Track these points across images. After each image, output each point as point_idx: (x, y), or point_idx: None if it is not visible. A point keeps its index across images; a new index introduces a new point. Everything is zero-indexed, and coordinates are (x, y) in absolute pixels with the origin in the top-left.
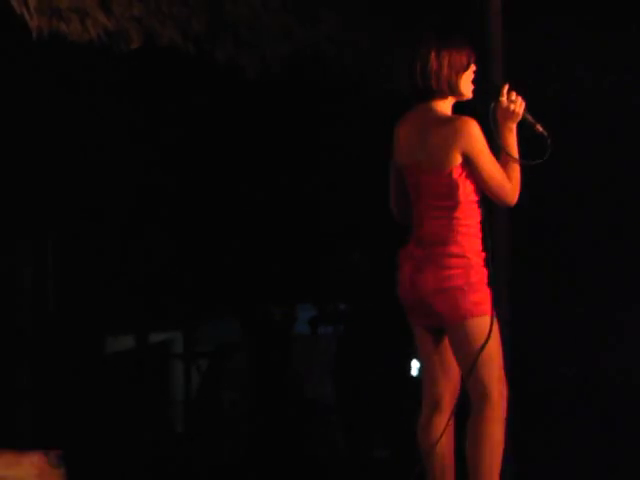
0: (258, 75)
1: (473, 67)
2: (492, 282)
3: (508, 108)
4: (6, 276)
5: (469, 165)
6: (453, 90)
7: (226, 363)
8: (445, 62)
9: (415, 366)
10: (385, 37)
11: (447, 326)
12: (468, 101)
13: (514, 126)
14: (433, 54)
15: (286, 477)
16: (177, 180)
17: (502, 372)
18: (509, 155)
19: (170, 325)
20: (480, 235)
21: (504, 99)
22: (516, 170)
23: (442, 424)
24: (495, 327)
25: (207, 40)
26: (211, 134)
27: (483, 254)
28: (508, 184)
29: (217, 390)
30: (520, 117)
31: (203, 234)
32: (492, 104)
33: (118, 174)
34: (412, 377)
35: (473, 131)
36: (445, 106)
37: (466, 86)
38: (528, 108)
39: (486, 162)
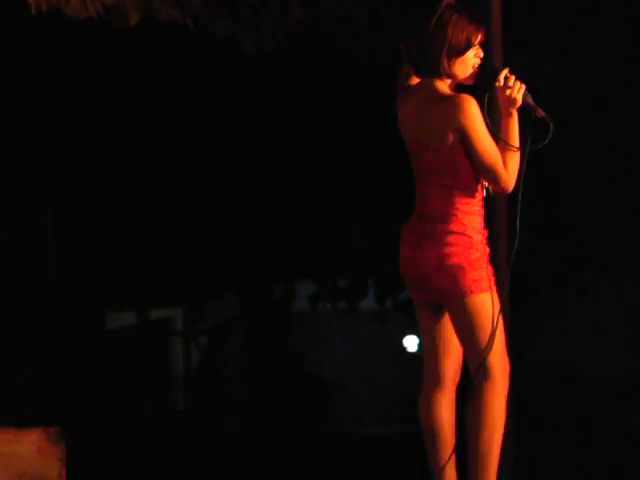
0: (257, 51)
1: (474, 51)
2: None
3: (506, 94)
4: (6, 251)
5: (465, 143)
6: (447, 72)
7: (226, 340)
8: (439, 42)
9: (414, 342)
10: (384, 14)
11: (447, 303)
12: (471, 86)
13: (514, 111)
14: (429, 32)
15: (286, 452)
16: (178, 158)
17: (504, 349)
18: (505, 142)
19: (170, 302)
20: (482, 213)
21: (501, 84)
22: (513, 157)
23: (443, 400)
24: (496, 304)
25: (206, 16)
26: (211, 112)
27: (485, 232)
28: (501, 168)
29: (217, 366)
30: (520, 103)
31: (203, 212)
32: (488, 90)
33: (120, 150)
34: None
35: (470, 108)
36: (445, 84)
37: (462, 69)
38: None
39: (480, 141)
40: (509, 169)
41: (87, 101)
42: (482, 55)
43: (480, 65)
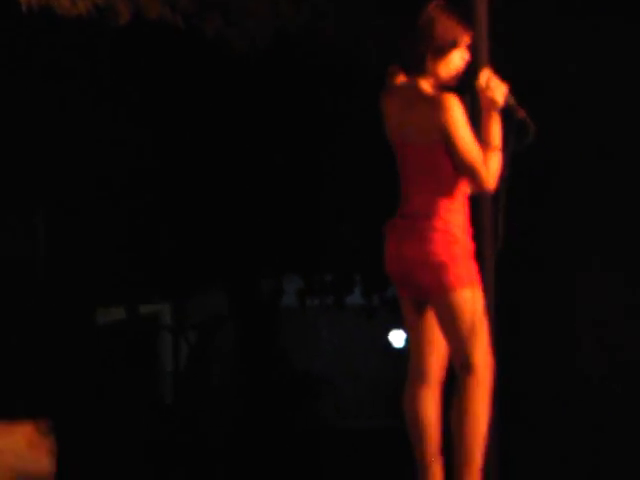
0: (246, 50)
1: (459, 52)
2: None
3: (487, 95)
4: None
5: (447, 142)
6: (431, 71)
7: (214, 335)
8: (424, 41)
9: (402, 337)
10: (373, 13)
11: (431, 299)
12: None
13: (496, 113)
14: (416, 30)
15: (275, 448)
16: (166, 155)
17: (488, 344)
18: (487, 143)
19: (160, 297)
20: (466, 210)
21: (482, 86)
22: (495, 157)
23: (428, 396)
24: (479, 300)
25: (196, 15)
26: (200, 109)
27: (469, 229)
28: (482, 167)
29: (206, 362)
30: (502, 104)
31: (193, 209)
32: (471, 91)
33: (109, 150)
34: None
35: (452, 107)
36: (429, 84)
37: (446, 70)
38: (512, 94)
39: (462, 140)
40: (490, 169)
41: (78, 100)
42: (468, 57)
43: (465, 67)
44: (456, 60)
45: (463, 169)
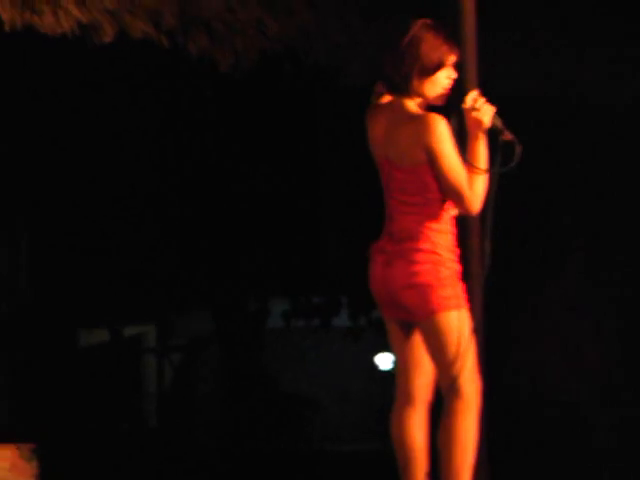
0: (231, 69)
1: (446, 72)
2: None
3: (473, 116)
4: None
5: (432, 162)
6: (417, 91)
7: (199, 357)
8: (410, 60)
9: (388, 360)
10: (359, 32)
11: (417, 321)
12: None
13: (482, 134)
14: (402, 49)
15: (260, 470)
16: (150, 174)
17: (475, 367)
18: (471, 165)
19: (144, 318)
20: (452, 231)
21: (469, 107)
22: (480, 179)
23: (415, 418)
24: (467, 322)
25: (180, 33)
26: (185, 127)
27: (456, 250)
28: (467, 189)
29: (190, 384)
30: (488, 125)
31: (177, 229)
32: (457, 111)
33: (92, 168)
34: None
35: (438, 128)
36: (415, 104)
37: (432, 89)
38: (500, 111)
39: (447, 161)
40: (475, 191)
41: (62, 117)
42: (454, 76)
43: (451, 87)
44: (442, 80)
45: (447, 191)
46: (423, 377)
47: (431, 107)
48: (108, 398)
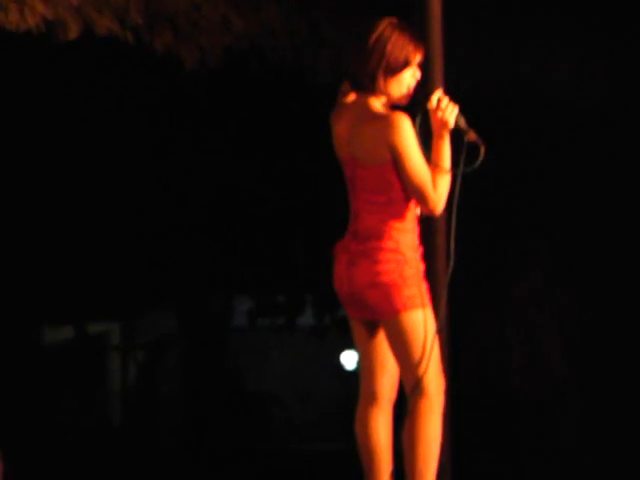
0: (197, 65)
1: (411, 71)
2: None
3: (437, 115)
4: None
5: (396, 161)
6: (382, 90)
7: (163, 355)
8: (376, 59)
9: (352, 358)
10: (325, 30)
11: (381, 320)
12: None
13: (445, 134)
14: (367, 48)
15: (224, 469)
16: (115, 171)
17: (439, 366)
18: (435, 164)
19: (108, 316)
20: (416, 230)
21: (432, 107)
22: (444, 179)
23: (379, 418)
24: (431, 321)
25: (146, 30)
26: (149, 124)
27: (420, 248)
28: (430, 189)
29: (154, 381)
30: (452, 125)
31: (141, 228)
32: (419, 113)
33: (55, 163)
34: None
35: (402, 127)
36: (380, 102)
37: (397, 89)
38: (464, 111)
39: (410, 161)
40: (438, 191)
41: (28, 115)
42: (419, 76)
43: (416, 86)
44: (408, 79)
45: (411, 190)
46: (387, 376)
47: (396, 106)
48: (72, 396)
